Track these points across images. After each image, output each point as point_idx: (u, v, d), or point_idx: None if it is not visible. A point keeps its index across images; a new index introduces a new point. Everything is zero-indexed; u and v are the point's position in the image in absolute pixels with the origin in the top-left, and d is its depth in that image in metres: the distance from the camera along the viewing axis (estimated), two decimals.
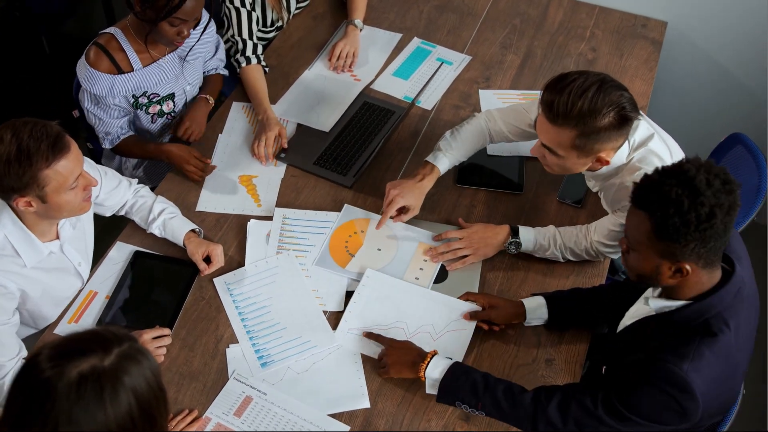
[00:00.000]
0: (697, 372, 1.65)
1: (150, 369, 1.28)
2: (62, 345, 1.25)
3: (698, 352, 1.66)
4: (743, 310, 1.74)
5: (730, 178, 1.63)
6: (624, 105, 1.96)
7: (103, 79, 2.41)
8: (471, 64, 2.93)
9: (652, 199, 1.63)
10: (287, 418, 2.00)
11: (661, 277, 1.71)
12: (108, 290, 2.23)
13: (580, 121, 1.96)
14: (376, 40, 3.02)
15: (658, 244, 1.65)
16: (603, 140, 2.00)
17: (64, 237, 2.10)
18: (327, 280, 2.28)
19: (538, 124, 2.08)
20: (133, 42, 2.45)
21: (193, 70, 2.62)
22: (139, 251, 2.33)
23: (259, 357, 2.11)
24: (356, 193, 2.50)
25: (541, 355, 2.14)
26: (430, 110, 2.77)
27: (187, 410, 2.00)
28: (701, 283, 1.71)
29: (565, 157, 2.05)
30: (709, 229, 1.59)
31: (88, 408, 1.20)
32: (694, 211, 1.58)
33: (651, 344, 1.75)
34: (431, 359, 1.99)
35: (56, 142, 1.83)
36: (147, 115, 2.58)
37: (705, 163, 1.64)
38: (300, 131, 2.68)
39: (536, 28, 3.07)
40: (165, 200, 2.37)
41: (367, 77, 2.87)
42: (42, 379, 1.21)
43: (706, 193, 1.59)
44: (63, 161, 1.85)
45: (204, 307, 2.22)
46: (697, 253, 1.63)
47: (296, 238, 2.37)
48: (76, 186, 1.92)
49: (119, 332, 1.30)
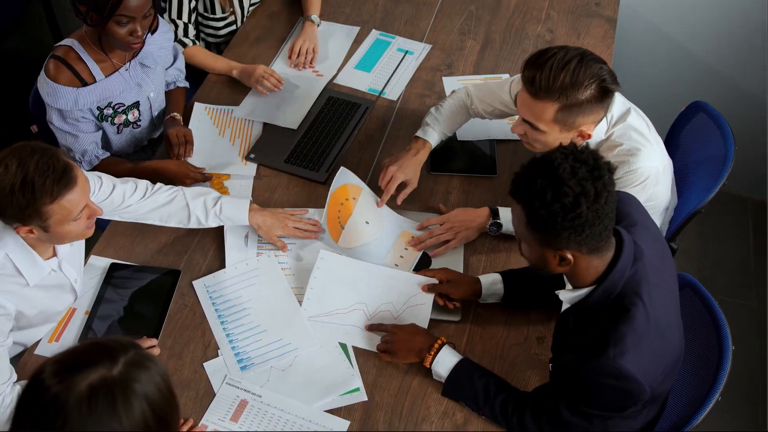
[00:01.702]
0: (623, 355, 1.64)
1: (159, 374, 1.25)
2: (66, 359, 1.21)
3: (618, 335, 1.66)
4: (650, 271, 1.74)
5: (600, 163, 1.62)
6: (604, 77, 1.97)
7: (67, 92, 2.33)
8: (432, 52, 2.93)
9: (522, 191, 1.64)
10: (285, 418, 1.97)
11: (550, 266, 1.72)
12: (87, 305, 2.17)
13: (563, 94, 1.97)
14: (334, 34, 3.00)
15: (535, 234, 1.66)
16: (585, 113, 2.01)
17: (62, 254, 2.03)
18: (308, 277, 2.24)
19: (519, 101, 2.08)
20: (92, 52, 2.38)
21: (155, 76, 2.56)
22: (114, 263, 2.27)
23: (239, 360, 2.08)
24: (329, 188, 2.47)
25: (532, 333, 2.15)
26: (395, 100, 2.76)
27: (183, 419, 1.95)
28: (595, 267, 1.71)
29: (547, 132, 2.06)
30: (577, 218, 1.58)
31: (101, 420, 1.16)
32: (558, 201, 1.58)
33: (575, 341, 1.76)
34: (438, 351, 1.98)
35: (62, 177, 1.77)
36: (113, 126, 2.51)
37: (575, 149, 1.63)
38: (267, 130, 2.65)
39: (492, 13, 3.08)
40: (191, 190, 2.28)
41: (330, 72, 2.86)
42: (50, 396, 1.16)
43: (569, 182, 1.58)
44: (68, 196, 1.80)
45: (188, 314, 2.17)
46: (575, 241, 1.62)
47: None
48: (80, 217, 1.87)
49: (122, 340, 1.26)
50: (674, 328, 1.83)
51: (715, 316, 2.08)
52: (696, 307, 2.14)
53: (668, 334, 1.78)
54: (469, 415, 1.97)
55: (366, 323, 2.14)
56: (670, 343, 1.80)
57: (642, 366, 1.66)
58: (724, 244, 3.63)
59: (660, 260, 1.83)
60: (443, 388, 1.99)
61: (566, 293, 1.81)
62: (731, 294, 3.43)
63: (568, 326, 1.82)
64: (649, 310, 1.70)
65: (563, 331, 1.86)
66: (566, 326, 1.84)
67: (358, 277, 2.21)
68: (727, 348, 2.02)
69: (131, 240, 2.32)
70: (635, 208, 1.89)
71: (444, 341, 2.02)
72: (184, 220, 2.25)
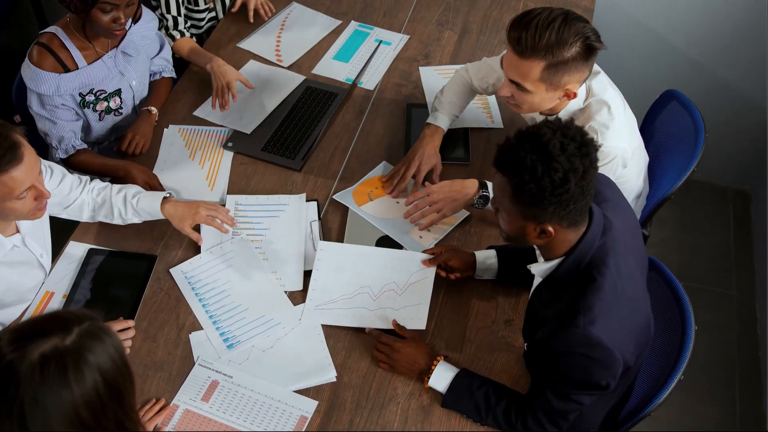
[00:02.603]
0: (593, 323, 1.67)
1: (113, 346, 1.28)
2: (22, 328, 1.25)
3: (586, 303, 1.69)
4: (619, 244, 1.77)
5: (587, 140, 1.65)
6: (589, 35, 2.02)
7: (49, 78, 2.38)
8: (409, 43, 2.97)
9: (510, 164, 1.65)
10: (255, 398, 2.01)
11: (528, 238, 1.74)
12: (65, 289, 2.22)
13: (548, 52, 2.00)
14: (314, 23, 3.05)
15: (519, 207, 1.68)
16: (570, 71, 2.04)
17: (24, 230, 2.08)
18: (284, 261, 2.29)
19: (505, 62, 2.12)
20: (75, 39, 2.42)
21: (137, 65, 2.60)
22: (93, 248, 2.31)
23: (224, 340, 2.13)
24: (306, 175, 2.52)
25: (500, 316, 2.19)
26: (372, 90, 2.80)
27: (155, 399, 2.00)
28: (570, 240, 1.74)
29: (534, 91, 2.09)
30: (564, 193, 1.61)
31: (52, 388, 1.20)
32: (548, 176, 1.60)
33: (547, 314, 1.79)
34: (435, 369, 2.00)
35: (7, 152, 1.79)
36: (94, 113, 2.55)
37: (562, 125, 1.65)
38: None
39: (470, 5, 3.12)
40: (119, 185, 2.32)
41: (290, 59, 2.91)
42: (4, 363, 1.20)
43: (559, 158, 1.60)
44: (12, 172, 1.82)
45: (163, 298, 2.22)
46: (558, 215, 1.65)
47: (250, 223, 2.38)
48: (25, 197, 1.89)
49: (80, 312, 1.30)
50: (642, 303, 1.86)
51: (678, 298, 2.12)
52: (662, 291, 2.18)
53: (636, 306, 1.81)
54: (436, 395, 2.01)
55: (371, 304, 2.17)
56: (638, 315, 1.83)
57: (612, 334, 1.69)
58: (705, 234, 3.66)
59: (631, 238, 1.87)
60: (442, 399, 2.00)
61: (538, 266, 1.84)
62: (712, 283, 3.47)
63: (542, 300, 1.85)
64: (617, 280, 1.73)
65: (536, 307, 1.89)
66: (539, 301, 1.87)
67: (359, 262, 2.25)
68: (690, 328, 2.06)
69: (109, 226, 2.36)
70: (608, 187, 1.93)
71: (442, 359, 2.02)
72: (109, 214, 2.28)
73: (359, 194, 2.45)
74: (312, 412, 1.99)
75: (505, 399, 1.94)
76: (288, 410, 1.99)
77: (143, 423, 1.92)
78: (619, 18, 3.27)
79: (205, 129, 2.67)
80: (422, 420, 1.99)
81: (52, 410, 1.20)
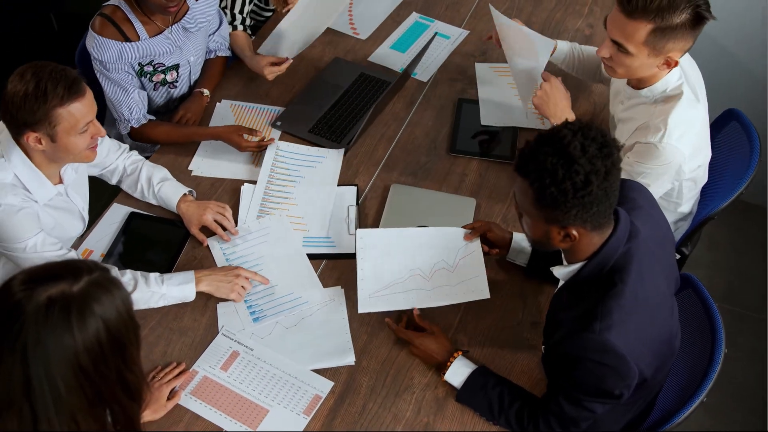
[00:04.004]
0: (609, 330, 1.64)
1: (121, 299, 1.32)
2: (36, 271, 1.29)
3: (605, 309, 1.66)
4: (644, 252, 1.73)
5: (608, 140, 1.61)
6: (700, 3, 1.99)
7: (112, 45, 2.44)
8: (468, 38, 2.95)
9: (531, 168, 1.62)
10: (272, 372, 2.03)
11: (553, 242, 1.71)
12: (104, 249, 2.28)
13: (659, 14, 1.98)
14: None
15: (542, 211, 1.65)
16: (676, 38, 2.01)
17: (68, 181, 2.17)
18: (313, 207, 2.39)
19: (610, 20, 2.09)
20: (137, 13, 2.48)
21: (196, 42, 2.65)
22: (134, 212, 2.37)
23: (251, 312, 2.16)
24: (349, 159, 2.54)
25: (526, 317, 2.16)
26: (425, 82, 2.80)
27: (175, 363, 2.04)
28: (594, 243, 1.71)
29: (636, 54, 2.07)
30: (587, 195, 1.58)
31: (55, 331, 1.24)
32: (570, 179, 1.57)
33: (566, 317, 1.76)
34: (452, 364, 1.99)
35: (73, 84, 1.93)
36: (150, 83, 2.61)
37: (583, 126, 1.62)
38: (297, 101, 2.71)
39: (535, 4, 3.09)
40: (154, 165, 2.40)
41: (365, 31, 2.96)
42: (13, 301, 1.25)
43: (580, 160, 1.57)
44: (76, 103, 1.94)
45: (196, 266, 2.26)
46: (581, 218, 1.62)
47: (287, 169, 2.49)
48: (86, 131, 1.99)
49: (92, 263, 1.34)
50: (665, 315, 1.82)
51: (711, 318, 2.06)
52: (696, 309, 2.13)
53: (657, 317, 1.78)
54: (452, 389, 2.00)
55: (426, 284, 2.15)
56: (659, 326, 1.79)
57: (628, 342, 1.66)
58: (756, 259, 3.55)
59: (659, 248, 1.83)
60: (456, 394, 1.99)
61: (561, 269, 1.82)
62: (758, 309, 3.36)
63: (562, 302, 1.83)
64: (638, 288, 1.70)
65: (556, 309, 1.87)
66: (560, 303, 1.85)
67: (404, 245, 2.23)
68: (719, 350, 2.01)
69: None
70: (641, 195, 1.89)
71: (460, 353, 2.01)
72: (132, 187, 2.38)
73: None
74: (327, 392, 2.00)
75: (519, 401, 1.92)
76: (303, 388, 2.00)
77: (162, 384, 1.97)
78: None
79: (256, 106, 2.71)
80: (435, 412, 1.98)
81: (52, 351, 1.24)
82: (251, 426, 1.94)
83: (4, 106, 1.91)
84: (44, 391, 1.24)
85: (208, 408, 1.97)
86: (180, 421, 1.94)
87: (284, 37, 2.69)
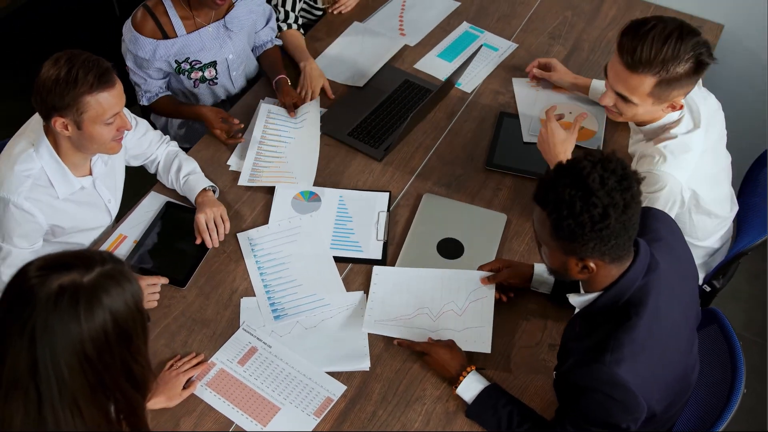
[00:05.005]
0: (619, 363, 1.63)
1: (131, 292, 1.35)
2: (52, 258, 1.34)
3: (617, 342, 1.64)
4: (663, 286, 1.71)
5: (629, 173, 1.59)
6: (702, 51, 1.98)
7: (147, 43, 2.51)
8: (516, 51, 2.94)
9: (549, 199, 1.61)
10: (287, 371, 2.07)
11: (570, 273, 1.70)
12: (137, 235, 2.34)
13: (663, 67, 1.97)
14: (433, 5, 3.11)
15: (559, 242, 1.64)
16: (680, 86, 2.01)
17: (97, 173, 2.22)
18: (301, 162, 2.52)
19: (612, 72, 2.08)
20: (179, 8, 2.53)
21: (237, 41, 2.68)
22: (170, 202, 2.43)
23: (273, 310, 2.19)
24: (385, 166, 2.55)
25: (546, 339, 2.15)
26: (469, 93, 2.80)
27: (194, 353, 2.09)
28: (611, 275, 1.69)
29: (640, 104, 2.06)
30: (605, 229, 1.56)
31: (62, 318, 1.28)
32: (587, 212, 1.55)
33: (577, 346, 1.74)
34: (465, 378, 1.98)
35: (104, 74, 1.98)
36: (189, 80, 2.67)
37: (604, 158, 1.60)
38: (338, 102, 2.74)
39: (587, 22, 3.06)
40: (187, 157, 2.46)
41: (414, 37, 2.98)
42: (27, 286, 1.30)
43: (598, 192, 1.55)
44: (105, 94, 1.98)
45: (224, 259, 2.31)
46: (599, 251, 1.61)
47: (278, 131, 2.62)
48: (112, 123, 2.04)
49: (106, 254, 1.38)
50: (682, 349, 1.80)
51: (733, 355, 2.03)
52: (720, 346, 2.09)
53: (671, 353, 1.76)
54: (462, 405, 2.01)
55: (431, 325, 2.14)
56: (673, 362, 1.77)
57: (638, 377, 1.65)
58: None
59: (680, 280, 1.81)
60: (467, 409, 1.99)
61: (576, 297, 1.81)
62: None
63: (575, 331, 1.82)
64: (653, 323, 1.68)
65: (568, 337, 1.86)
66: (573, 331, 1.84)
67: (416, 284, 2.23)
68: (738, 388, 1.97)
69: None
70: (665, 225, 1.87)
71: (473, 369, 2.01)
72: (164, 175, 2.45)
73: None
74: (339, 395, 2.03)
75: (529, 422, 1.92)
76: (316, 389, 2.03)
77: (180, 372, 2.02)
78: (743, 58, 3.12)
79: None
80: (444, 425, 1.99)
81: (59, 337, 1.28)
82: (262, 422, 1.97)
83: (36, 89, 1.97)
84: (49, 374, 1.29)
85: (221, 400, 2.01)
86: (193, 411, 1.99)
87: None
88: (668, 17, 2.03)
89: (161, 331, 2.14)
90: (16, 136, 2.16)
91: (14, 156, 2.08)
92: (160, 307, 2.17)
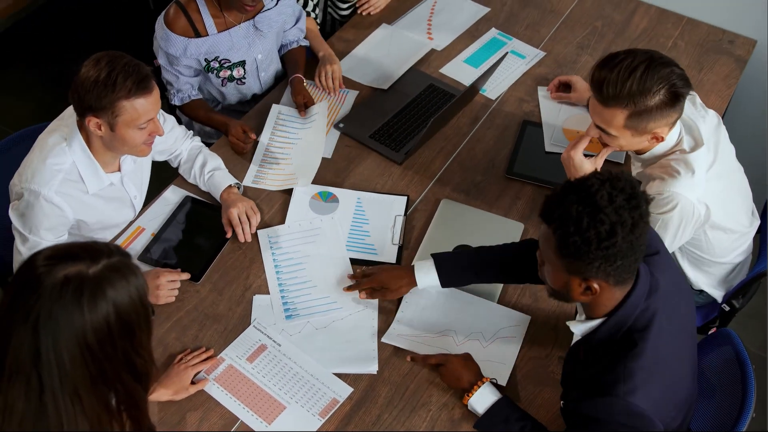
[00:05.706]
0: (633, 393, 1.61)
1: (136, 286, 1.37)
2: (61, 248, 1.36)
3: (627, 371, 1.62)
4: (664, 304, 1.69)
5: (637, 192, 1.57)
6: (674, 82, 1.95)
7: (178, 41, 2.54)
8: (543, 60, 2.92)
9: (555, 215, 1.59)
10: (295, 370, 2.08)
11: (573, 294, 1.67)
12: (155, 228, 2.37)
13: (631, 101, 1.96)
14: (463, 9, 3.11)
15: (564, 261, 1.61)
16: (656, 118, 1.99)
17: (125, 170, 2.25)
18: (305, 160, 2.53)
19: (590, 105, 2.09)
20: (211, 7, 2.56)
21: (266, 41, 2.70)
22: (190, 196, 2.46)
23: (285, 309, 2.21)
24: (405, 170, 2.55)
25: (555, 351, 2.14)
26: (493, 100, 2.79)
27: (204, 348, 2.11)
28: (615, 299, 1.67)
29: (619, 136, 2.06)
30: (611, 247, 1.54)
31: (66, 308, 1.30)
32: (594, 229, 1.53)
33: (584, 375, 1.72)
34: (479, 389, 1.97)
35: (142, 80, 2.00)
36: (218, 79, 2.69)
37: (612, 176, 1.58)
38: (361, 104, 2.75)
39: (617, 33, 3.03)
40: (211, 153, 2.48)
41: (442, 42, 2.98)
42: (34, 274, 1.32)
43: (606, 210, 1.53)
44: (142, 99, 2.01)
45: (240, 256, 2.32)
46: (604, 271, 1.58)
47: (287, 133, 2.63)
48: (145, 128, 2.07)
49: (114, 247, 1.40)
50: (686, 363, 1.78)
51: (745, 379, 2.00)
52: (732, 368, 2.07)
53: (678, 369, 1.74)
54: (467, 413, 2.00)
55: (453, 349, 2.12)
56: (681, 378, 1.76)
57: (653, 402, 1.63)
58: None
59: (676, 291, 1.79)
60: (477, 420, 1.97)
61: (577, 324, 1.79)
62: None
63: (579, 359, 1.80)
64: (659, 345, 1.67)
65: (573, 364, 1.84)
66: (576, 358, 1.82)
67: (449, 305, 2.22)
68: (747, 411, 1.95)
69: None
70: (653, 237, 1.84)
71: (486, 380, 1.99)
72: (187, 171, 2.46)
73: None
74: (344, 397, 2.03)
75: None
76: (322, 389, 2.04)
77: (188, 366, 2.04)
78: None
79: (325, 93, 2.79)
80: None
81: (62, 327, 1.31)
82: (267, 420, 1.99)
83: (74, 87, 2.00)
84: (51, 362, 1.31)
85: (228, 396, 2.03)
86: (200, 406, 2.01)
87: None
88: (641, 50, 2.01)
89: (173, 324, 2.16)
90: (49, 128, 2.19)
91: (47, 149, 2.12)
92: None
